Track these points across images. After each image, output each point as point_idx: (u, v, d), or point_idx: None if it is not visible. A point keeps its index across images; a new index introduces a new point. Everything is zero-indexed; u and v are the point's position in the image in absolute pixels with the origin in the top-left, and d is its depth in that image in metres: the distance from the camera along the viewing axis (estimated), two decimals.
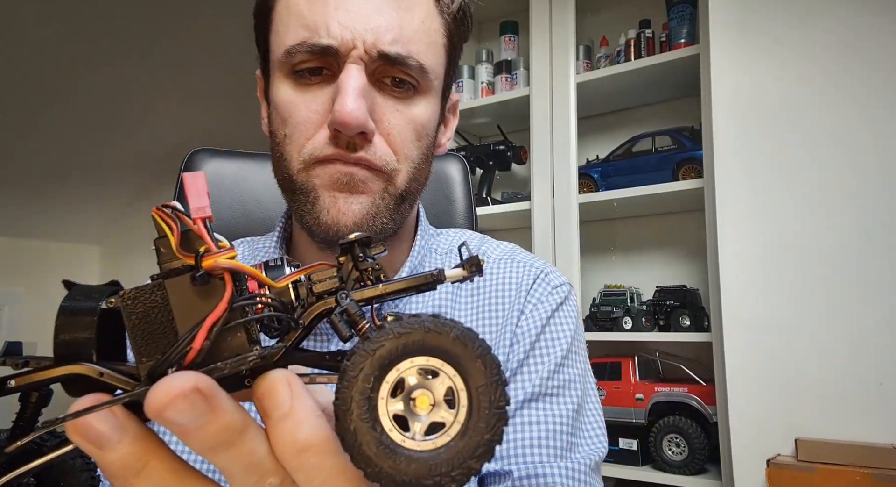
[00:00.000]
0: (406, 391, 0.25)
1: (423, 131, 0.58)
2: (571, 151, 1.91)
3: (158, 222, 0.26)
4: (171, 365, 0.25)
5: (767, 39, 1.62)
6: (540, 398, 0.59)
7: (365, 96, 0.53)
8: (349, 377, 0.24)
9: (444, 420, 0.25)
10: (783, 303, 1.52)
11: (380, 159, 0.55)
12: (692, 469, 1.65)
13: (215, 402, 0.24)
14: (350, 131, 0.52)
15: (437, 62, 0.58)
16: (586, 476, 0.57)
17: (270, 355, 0.25)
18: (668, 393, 1.72)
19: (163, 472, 0.25)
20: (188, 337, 0.24)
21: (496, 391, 0.24)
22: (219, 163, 0.94)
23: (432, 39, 0.58)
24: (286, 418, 0.25)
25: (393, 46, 0.54)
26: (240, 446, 0.25)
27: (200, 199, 0.26)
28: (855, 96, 1.51)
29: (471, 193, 0.99)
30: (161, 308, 0.25)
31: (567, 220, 1.89)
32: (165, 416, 0.23)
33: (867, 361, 1.42)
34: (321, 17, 0.53)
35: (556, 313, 0.64)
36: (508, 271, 0.66)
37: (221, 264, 0.25)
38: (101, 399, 0.24)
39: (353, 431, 0.24)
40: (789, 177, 1.55)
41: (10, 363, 0.25)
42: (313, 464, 0.25)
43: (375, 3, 0.54)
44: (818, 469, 1.36)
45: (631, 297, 1.90)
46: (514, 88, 2.12)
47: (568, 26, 1.96)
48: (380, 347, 0.24)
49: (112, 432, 0.24)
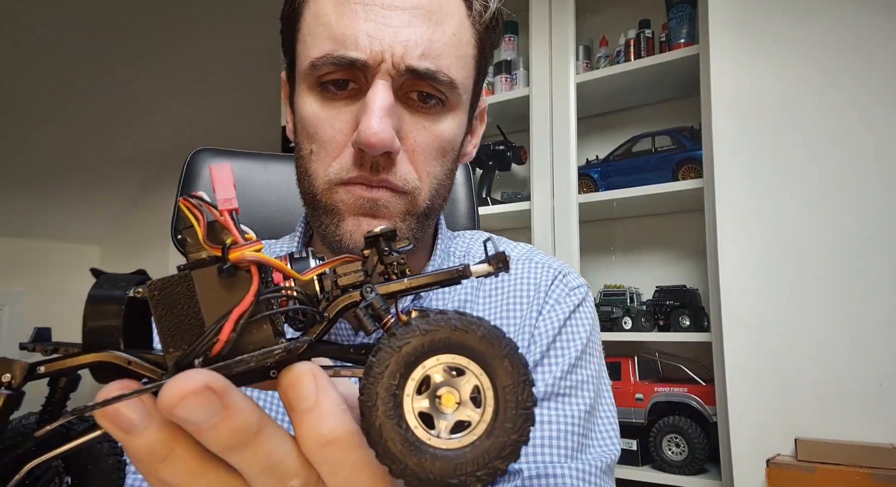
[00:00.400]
0: (432, 389, 0.25)
1: (448, 148, 0.58)
2: (571, 151, 1.91)
3: (185, 212, 0.26)
4: (198, 356, 0.25)
5: (767, 39, 1.62)
6: (553, 398, 0.59)
7: (391, 115, 0.52)
8: (375, 374, 0.24)
9: (469, 419, 0.25)
10: (783, 303, 1.52)
11: (401, 180, 0.54)
12: (692, 469, 1.65)
13: (228, 401, 0.24)
14: (375, 152, 0.51)
15: (466, 76, 0.57)
16: (597, 477, 0.57)
17: (296, 348, 0.26)
18: (668, 393, 1.73)
19: (188, 459, 0.25)
20: (215, 329, 0.25)
21: (523, 391, 0.24)
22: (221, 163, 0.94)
23: (462, 52, 0.56)
24: (311, 411, 0.25)
25: (422, 61, 0.52)
26: (255, 446, 0.25)
27: (227, 190, 0.26)
28: (855, 96, 1.51)
29: (473, 193, 0.99)
30: (187, 299, 0.25)
31: (567, 220, 1.89)
32: (176, 413, 0.23)
33: (867, 361, 1.42)
34: (349, 30, 0.52)
35: (573, 314, 0.64)
36: (527, 272, 0.67)
37: (248, 256, 0.25)
38: (129, 387, 0.25)
39: (378, 427, 0.24)
40: (789, 177, 1.56)
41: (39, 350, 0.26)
42: (337, 458, 0.25)
43: (406, 15, 0.53)
44: (818, 469, 1.36)
45: (631, 297, 1.90)
46: (513, 88, 2.12)
47: (568, 26, 1.96)
48: (406, 344, 0.24)
49: (140, 418, 0.24)
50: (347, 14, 0.52)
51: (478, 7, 0.58)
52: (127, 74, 2.50)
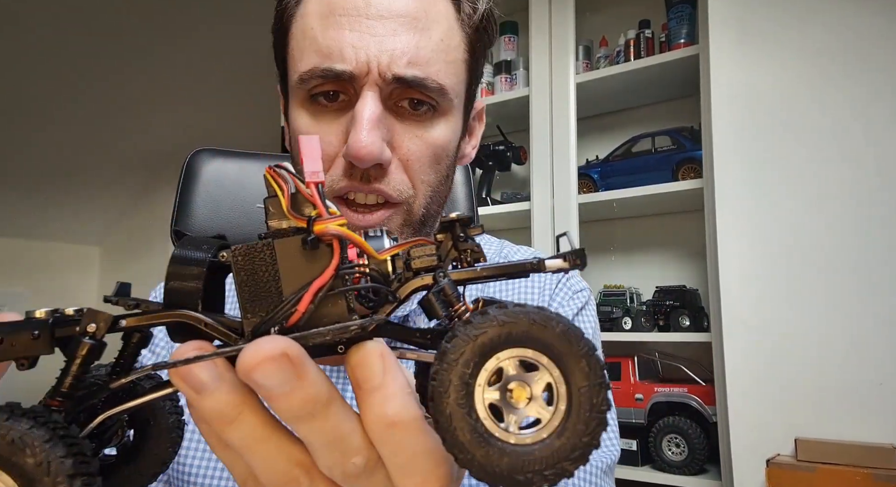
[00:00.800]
0: (504, 382, 0.24)
1: (442, 154, 0.57)
2: (571, 151, 1.91)
3: (270, 181, 0.26)
4: (275, 324, 0.25)
5: (767, 40, 1.62)
6: None
7: (380, 126, 0.52)
8: (449, 360, 0.24)
9: (540, 417, 0.24)
10: (783, 303, 1.52)
11: (394, 190, 0.55)
12: (692, 470, 1.65)
13: (303, 370, 0.24)
14: (364, 165, 0.52)
15: (457, 81, 0.57)
16: (598, 478, 0.57)
17: (369, 326, 0.26)
18: (668, 393, 1.73)
19: (255, 425, 0.26)
20: (294, 299, 0.25)
21: (599, 393, 0.24)
22: (220, 163, 0.94)
23: (452, 57, 0.56)
24: (377, 390, 0.25)
25: (409, 69, 0.52)
26: (324, 418, 0.25)
27: (315, 163, 0.26)
28: (854, 96, 1.51)
29: (472, 194, 0.99)
30: (269, 267, 0.26)
31: (567, 220, 1.89)
32: (253, 377, 0.23)
33: (867, 361, 1.42)
34: (335, 42, 0.52)
35: (575, 317, 0.65)
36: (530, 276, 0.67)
37: (332, 230, 0.25)
38: (203, 348, 0.25)
39: (448, 415, 0.24)
40: (789, 177, 1.56)
41: (122, 304, 0.26)
42: (399, 441, 0.25)
43: (391, 24, 0.53)
44: (818, 469, 1.36)
45: (630, 297, 1.90)
46: (513, 88, 2.12)
47: (567, 27, 1.96)
48: (482, 333, 0.24)
49: (211, 379, 0.25)
50: (333, 27, 0.52)
51: (467, 9, 0.58)
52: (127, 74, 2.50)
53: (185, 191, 0.91)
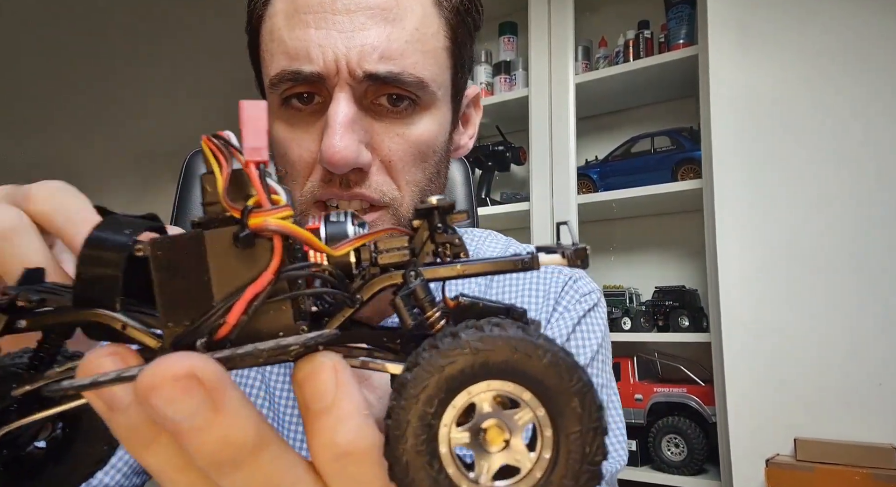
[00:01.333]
0: (476, 421, 0.20)
1: (428, 151, 0.54)
2: (570, 151, 1.92)
3: (207, 154, 0.21)
4: (201, 337, 0.20)
5: (766, 40, 1.62)
6: None
7: (355, 128, 0.49)
8: (409, 396, 0.19)
9: (518, 465, 0.20)
10: (782, 303, 1.52)
11: (377, 192, 0.51)
12: (691, 470, 1.65)
13: (221, 400, 0.19)
14: (340, 170, 0.49)
15: (437, 71, 0.53)
16: None
17: (315, 345, 0.21)
18: (667, 394, 1.73)
19: (173, 452, 0.21)
20: (222, 308, 0.20)
21: (593, 440, 0.19)
22: None
23: (429, 47, 0.52)
24: (327, 412, 0.20)
25: (382, 64, 0.49)
26: (252, 468, 0.20)
27: (258, 138, 0.20)
28: (854, 97, 1.51)
29: (472, 193, 0.99)
30: (196, 265, 0.21)
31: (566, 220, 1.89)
32: (151, 402, 0.18)
33: (866, 361, 1.42)
34: (301, 42, 0.49)
35: (583, 320, 0.62)
36: (536, 277, 0.64)
37: (271, 225, 0.20)
38: (120, 355, 0.21)
39: (404, 463, 0.19)
40: (788, 177, 1.56)
41: (22, 299, 0.21)
42: (352, 474, 0.21)
43: (359, 17, 0.49)
44: (817, 469, 1.36)
45: (630, 297, 1.90)
46: (512, 88, 2.12)
47: (567, 27, 1.96)
48: (451, 363, 0.19)
49: (125, 394, 0.20)
50: (298, 26, 0.50)
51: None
52: (127, 74, 2.50)
53: (185, 191, 0.91)
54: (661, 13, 1.93)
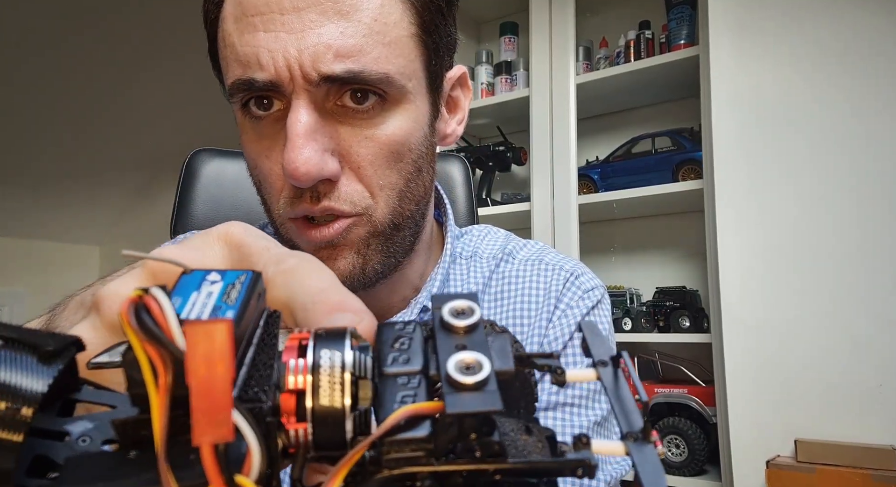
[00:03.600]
0: None
1: (402, 149, 0.50)
2: (571, 152, 1.91)
3: (127, 329, 0.15)
4: None
5: (767, 41, 1.62)
6: (558, 408, 0.54)
7: (316, 137, 0.46)
8: None
9: None
10: (783, 304, 1.52)
11: (347, 204, 0.48)
12: (692, 471, 1.65)
13: None
14: (305, 185, 0.46)
15: (404, 63, 0.49)
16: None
17: None
18: (668, 394, 1.72)
19: None
20: None
21: None
22: (220, 163, 0.94)
23: (392, 37, 0.48)
24: None
25: (338, 64, 0.45)
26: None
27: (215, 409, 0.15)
28: (854, 97, 1.51)
29: (472, 193, 0.99)
30: None
31: (567, 221, 1.89)
32: None
33: (867, 362, 1.42)
34: (250, 48, 0.46)
35: (586, 318, 0.59)
36: (536, 274, 0.61)
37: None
38: None
39: None
40: (789, 178, 1.56)
41: None
42: None
43: (309, 14, 0.45)
44: (818, 470, 1.36)
45: (630, 298, 1.90)
46: (513, 89, 2.12)
47: (568, 27, 1.96)
48: None
49: None
50: (248, 30, 0.46)
51: None
52: (127, 74, 2.50)
53: (185, 191, 0.91)
54: (661, 14, 1.93)
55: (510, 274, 0.62)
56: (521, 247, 0.65)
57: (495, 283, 0.62)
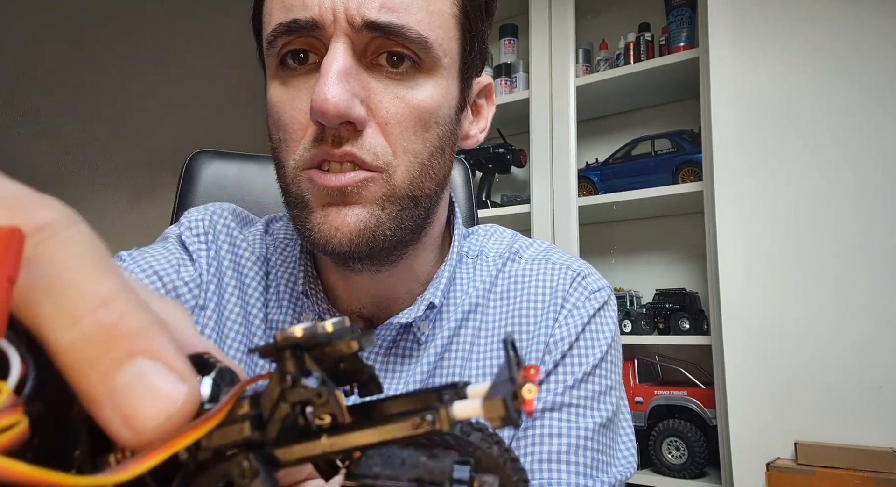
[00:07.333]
0: None
1: (430, 119, 0.49)
2: (571, 154, 1.92)
3: None
4: None
5: (767, 43, 1.62)
6: (563, 409, 0.54)
7: (351, 79, 0.46)
8: None
9: None
10: (783, 306, 1.52)
11: (369, 153, 0.47)
12: (692, 473, 1.65)
13: None
14: (331, 121, 0.45)
15: (444, 35, 0.49)
16: None
17: None
18: (668, 397, 1.72)
19: None
20: None
21: None
22: (220, 165, 0.94)
23: (436, 8, 0.48)
24: None
25: (383, 14, 0.45)
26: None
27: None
28: (855, 100, 1.51)
29: (472, 195, 0.99)
30: None
31: (566, 223, 1.89)
32: None
33: (867, 364, 1.42)
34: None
35: (592, 319, 0.59)
36: (542, 274, 0.61)
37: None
38: None
39: None
40: (789, 180, 1.56)
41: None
42: None
43: None
44: (818, 472, 1.36)
45: (630, 300, 1.90)
46: (513, 91, 2.12)
47: (567, 30, 1.96)
48: None
49: None
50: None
51: None
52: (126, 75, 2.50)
53: (185, 192, 0.91)
54: (661, 16, 1.93)
55: (517, 273, 0.62)
56: (528, 246, 0.65)
57: (502, 282, 0.62)
